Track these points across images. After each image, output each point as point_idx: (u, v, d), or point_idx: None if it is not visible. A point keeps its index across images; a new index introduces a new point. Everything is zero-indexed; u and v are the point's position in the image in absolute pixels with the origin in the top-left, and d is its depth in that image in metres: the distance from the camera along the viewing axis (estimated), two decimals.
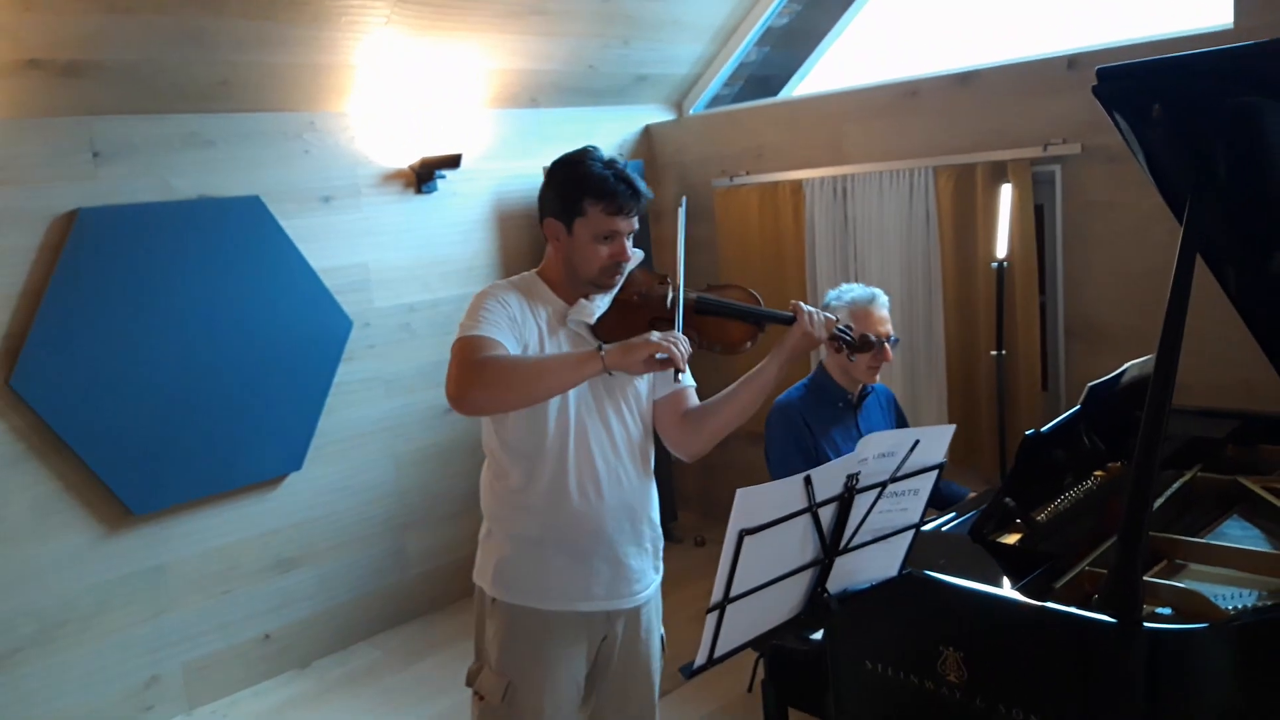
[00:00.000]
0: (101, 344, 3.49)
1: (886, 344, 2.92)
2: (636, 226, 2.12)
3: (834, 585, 1.69)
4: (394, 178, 4.30)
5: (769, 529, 1.46)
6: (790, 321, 2.16)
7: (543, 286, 2.15)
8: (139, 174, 3.61)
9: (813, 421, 2.91)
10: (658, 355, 1.84)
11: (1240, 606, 1.97)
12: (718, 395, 2.20)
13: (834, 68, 5.20)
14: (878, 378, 3.02)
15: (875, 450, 1.60)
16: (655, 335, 1.87)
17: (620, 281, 2.15)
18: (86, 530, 3.57)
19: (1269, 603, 1.99)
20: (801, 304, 2.16)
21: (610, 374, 1.93)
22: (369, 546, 4.36)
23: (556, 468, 2.07)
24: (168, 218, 3.65)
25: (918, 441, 1.64)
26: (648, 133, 5.28)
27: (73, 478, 3.51)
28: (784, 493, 1.48)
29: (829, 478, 1.54)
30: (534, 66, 4.49)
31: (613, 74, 4.80)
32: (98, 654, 3.60)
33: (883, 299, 3.00)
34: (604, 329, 2.10)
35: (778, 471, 2.91)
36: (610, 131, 5.10)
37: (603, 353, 1.87)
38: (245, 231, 3.84)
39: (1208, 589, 2.04)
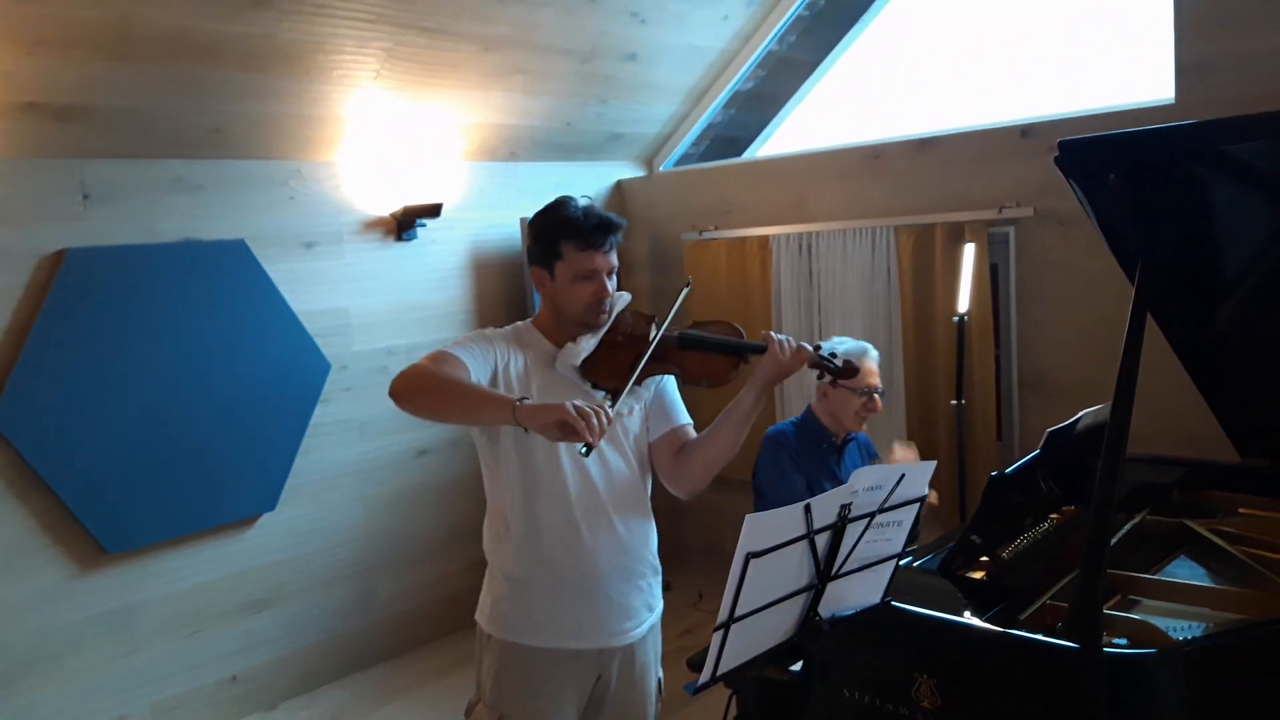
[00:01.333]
0: (84, 383, 3.53)
1: (875, 395, 3.10)
2: (615, 263, 2.18)
3: (825, 610, 1.81)
4: (375, 225, 4.41)
5: (771, 553, 1.58)
6: (764, 351, 2.20)
7: (535, 333, 2.23)
8: (127, 216, 3.68)
9: (801, 457, 3.08)
10: (567, 424, 1.76)
11: (1189, 637, 2.13)
12: (704, 431, 2.27)
13: (797, 130, 5.45)
14: (865, 427, 3.19)
15: (865, 483, 1.74)
16: (570, 405, 1.77)
17: (607, 320, 2.20)
18: (59, 569, 3.57)
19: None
20: (772, 334, 2.19)
21: (525, 431, 1.94)
22: (338, 588, 4.39)
23: (549, 507, 2.12)
24: (154, 259, 3.71)
25: (903, 475, 1.78)
26: (620, 188, 5.47)
27: (48, 516, 3.52)
28: (786, 519, 1.61)
29: (825, 506, 1.67)
30: (514, 122, 4.66)
31: (589, 131, 4.99)
32: (67, 694, 3.58)
33: (873, 353, 3.17)
34: (590, 369, 2.16)
35: (769, 494, 3.07)
36: (584, 186, 5.25)
37: (518, 404, 1.85)
38: (229, 274, 3.91)
39: (1159, 621, 2.19)
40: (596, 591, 2.15)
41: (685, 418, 2.32)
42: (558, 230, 2.13)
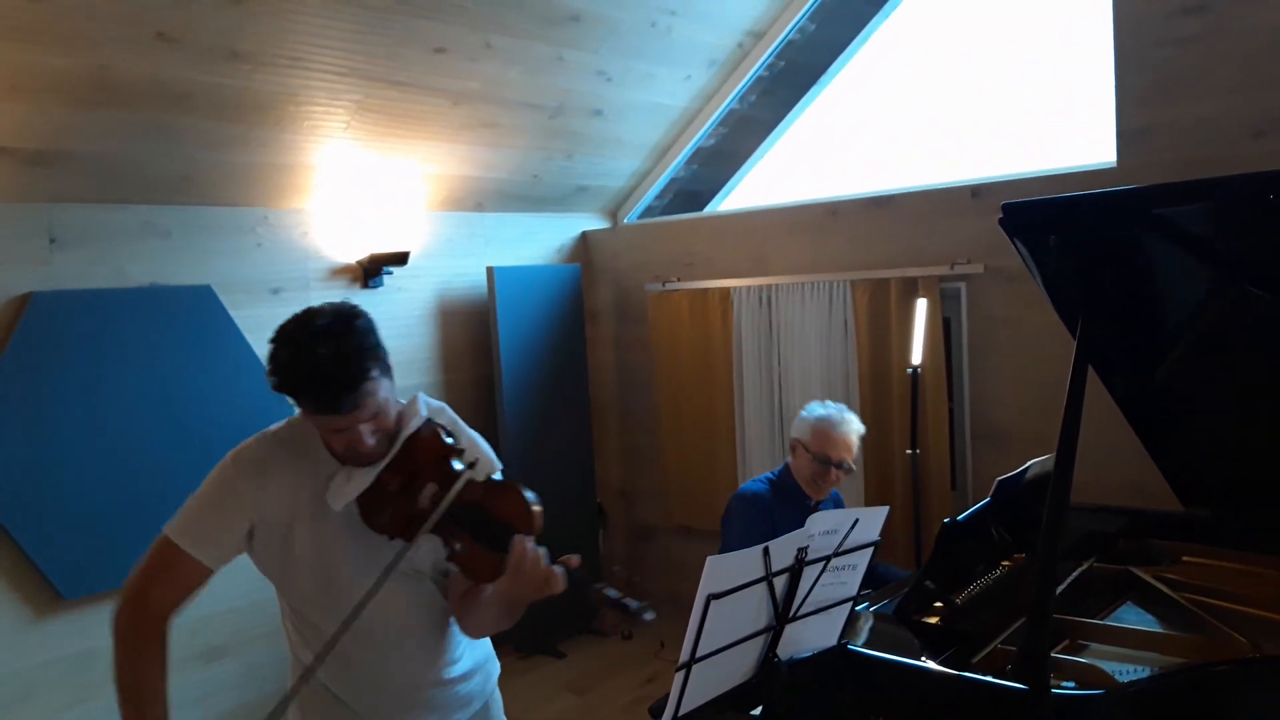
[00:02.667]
0: (46, 426, 3.51)
1: (834, 468, 3.11)
2: (377, 404, 1.73)
3: (784, 652, 1.87)
4: (342, 272, 4.46)
5: (732, 595, 1.64)
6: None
7: (316, 440, 1.84)
8: (94, 261, 3.69)
9: (776, 514, 3.10)
10: None
11: (1135, 680, 2.21)
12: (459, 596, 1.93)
13: (757, 186, 5.60)
14: (820, 495, 3.22)
15: (821, 528, 1.81)
16: None
17: (389, 452, 1.79)
18: (14, 614, 3.52)
19: None
20: (523, 544, 1.69)
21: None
22: None
23: (344, 641, 1.78)
24: (120, 304, 3.72)
25: (857, 521, 1.85)
26: (585, 238, 5.58)
27: (4, 561, 3.47)
28: (745, 562, 1.67)
29: (783, 550, 1.74)
30: (481, 174, 4.75)
31: (555, 184, 5.09)
32: None
33: (852, 425, 3.16)
34: (368, 511, 1.81)
35: (736, 547, 3.11)
36: (549, 236, 5.38)
37: None
38: (195, 320, 3.93)
39: (1106, 665, 2.27)
40: (412, 700, 1.94)
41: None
42: (285, 386, 1.70)
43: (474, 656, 2.05)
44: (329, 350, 1.66)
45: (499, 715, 2.13)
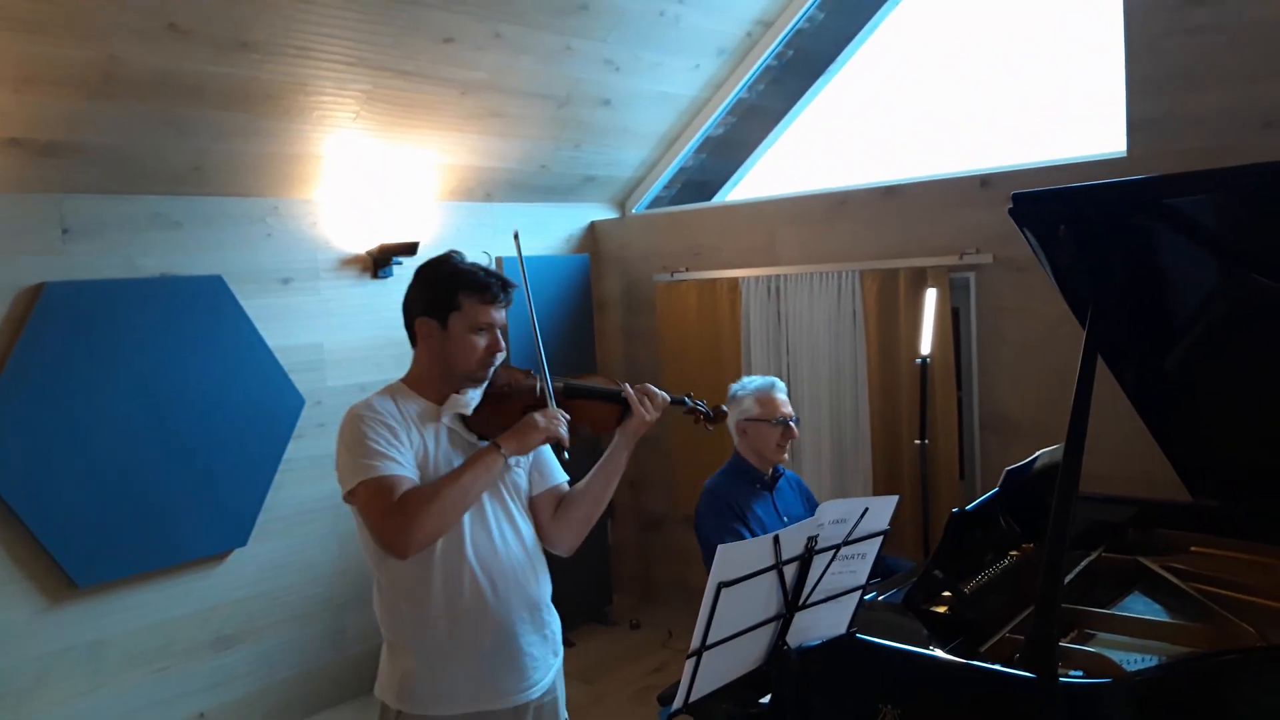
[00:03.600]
0: (59, 415, 3.54)
1: (790, 424, 3.25)
2: (505, 320, 2.19)
3: (793, 640, 1.88)
4: (352, 262, 4.47)
5: (742, 583, 1.65)
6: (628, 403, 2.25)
7: (410, 393, 2.18)
8: (106, 251, 3.71)
9: (737, 501, 3.15)
10: (549, 435, 2.05)
11: (1142, 669, 2.22)
12: (577, 486, 2.32)
13: (765, 176, 5.60)
14: (786, 456, 3.30)
15: (831, 516, 1.82)
16: (539, 419, 2.07)
17: (489, 376, 2.20)
18: (28, 602, 3.55)
19: None
20: (629, 389, 2.25)
21: (511, 465, 2.12)
22: (309, 625, 4.39)
23: (454, 572, 2.08)
24: (131, 294, 3.75)
25: (867, 509, 1.86)
26: (593, 229, 5.58)
27: (18, 549, 3.51)
28: (757, 550, 1.68)
29: (793, 539, 1.75)
30: (490, 164, 4.76)
31: (563, 174, 5.09)
32: None
33: (780, 385, 3.32)
34: (479, 422, 2.16)
35: (713, 545, 3.13)
36: (558, 227, 5.38)
37: (502, 451, 2.03)
38: (206, 310, 3.95)
39: (1114, 655, 2.28)
40: (509, 647, 2.14)
41: (563, 476, 2.35)
42: (455, 281, 2.12)
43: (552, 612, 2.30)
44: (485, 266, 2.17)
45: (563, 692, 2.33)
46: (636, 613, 5.33)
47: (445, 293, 2.11)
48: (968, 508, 2.63)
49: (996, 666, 2.12)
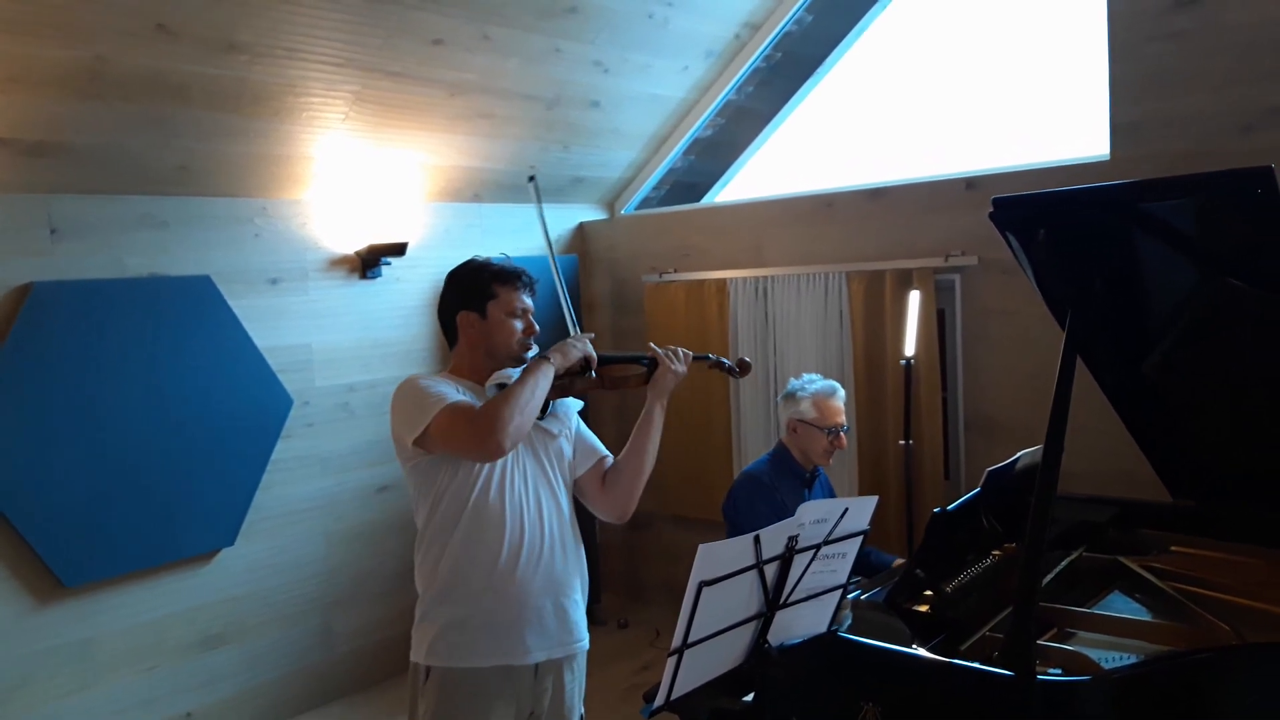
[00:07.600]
0: (46, 415, 3.54)
1: (841, 433, 3.30)
2: (533, 306, 2.42)
3: (774, 638, 1.91)
4: (340, 263, 4.48)
5: (723, 582, 1.67)
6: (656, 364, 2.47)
7: (455, 378, 2.36)
8: (94, 251, 3.72)
9: (779, 490, 3.23)
10: (584, 352, 2.31)
11: (1119, 666, 2.24)
12: (621, 453, 2.47)
13: (753, 178, 5.62)
14: (830, 462, 3.37)
15: (811, 516, 1.84)
16: (574, 340, 2.33)
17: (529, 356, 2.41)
18: (15, 601, 3.56)
19: None
20: (655, 346, 2.48)
21: (555, 433, 2.36)
22: (297, 624, 4.39)
23: (495, 534, 2.23)
24: (119, 294, 3.75)
25: (846, 509, 1.88)
26: (582, 229, 5.60)
27: (5, 549, 3.51)
28: (737, 549, 1.70)
29: (774, 538, 1.77)
30: (478, 165, 4.77)
31: (552, 175, 5.11)
32: None
33: (841, 393, 3.36)
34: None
35: (745, 529, 3.20)
36: (547, 227, 5.37)
37: (550, 360, 2.22)
38: (194, 310, 3.95)
39: (1093, 653, 2.31)
40: (542, 605, 2.26)
41: (605, 450, 2.53)
42: (488, 274, 2.37)
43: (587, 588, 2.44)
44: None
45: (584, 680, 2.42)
46: (624, 612, 5.35)
47: (481, 285, 2.35)
48: (949, 507, 2.65)
49: (976, 664, 2.15)
